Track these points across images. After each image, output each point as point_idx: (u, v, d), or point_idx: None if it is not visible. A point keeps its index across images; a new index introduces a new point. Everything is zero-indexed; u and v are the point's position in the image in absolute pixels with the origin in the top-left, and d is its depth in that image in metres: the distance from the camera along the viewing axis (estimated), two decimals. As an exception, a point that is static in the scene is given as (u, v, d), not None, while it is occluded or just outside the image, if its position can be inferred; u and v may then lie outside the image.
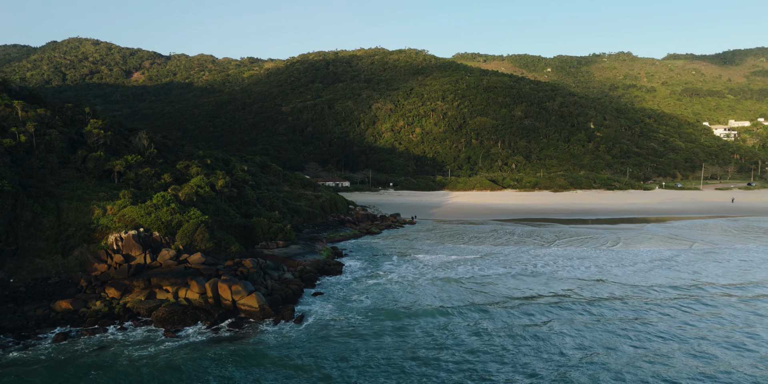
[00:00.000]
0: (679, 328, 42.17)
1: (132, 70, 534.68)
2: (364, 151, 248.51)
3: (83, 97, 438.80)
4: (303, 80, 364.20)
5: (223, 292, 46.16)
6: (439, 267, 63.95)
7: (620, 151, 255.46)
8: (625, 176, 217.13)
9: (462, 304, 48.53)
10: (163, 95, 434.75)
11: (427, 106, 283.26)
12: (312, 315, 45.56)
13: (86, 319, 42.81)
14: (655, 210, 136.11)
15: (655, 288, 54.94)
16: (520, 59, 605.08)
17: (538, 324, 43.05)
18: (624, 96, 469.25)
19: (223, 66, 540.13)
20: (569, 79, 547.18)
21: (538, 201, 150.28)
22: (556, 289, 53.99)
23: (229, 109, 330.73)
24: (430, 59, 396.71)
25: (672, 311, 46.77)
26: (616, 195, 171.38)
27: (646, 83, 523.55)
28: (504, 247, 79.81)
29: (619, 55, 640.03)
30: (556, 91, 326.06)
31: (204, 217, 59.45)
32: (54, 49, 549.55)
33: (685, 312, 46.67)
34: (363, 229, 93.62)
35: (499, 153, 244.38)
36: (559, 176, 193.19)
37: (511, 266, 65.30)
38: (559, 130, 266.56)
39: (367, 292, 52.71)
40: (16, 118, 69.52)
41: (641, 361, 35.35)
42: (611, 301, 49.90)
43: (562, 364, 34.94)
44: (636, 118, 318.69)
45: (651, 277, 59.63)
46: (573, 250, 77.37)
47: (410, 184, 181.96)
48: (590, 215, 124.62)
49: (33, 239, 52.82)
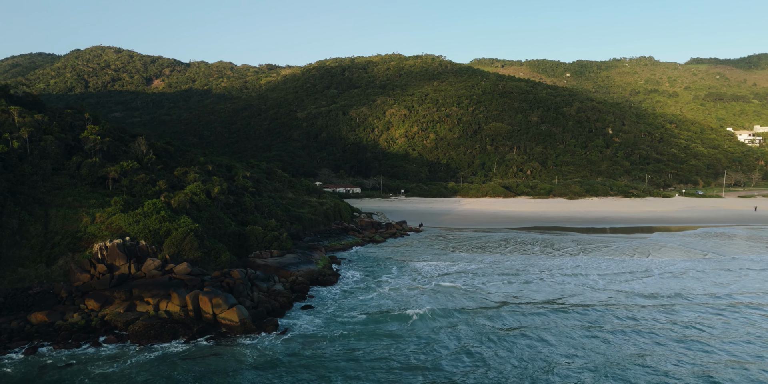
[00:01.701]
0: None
1: (152, 77, 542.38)
2: (377, 157, 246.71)
3: (104, 104, 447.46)
4: (318, 86, 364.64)
5: (204, 305, 44.34)
6: (438, 279, 61.35)
7: (639, 158, 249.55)
8: (644, 183, 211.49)
9: (458, 323, 45.75)
10: (181, 102, 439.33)
11: (441, 112, 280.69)
12: (296, 330, 43.42)
13: (60, 333, 41.28)
14: (673, 218, 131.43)
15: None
16: (539, 64, 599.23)
17: (552, 354, 40.26)
18: (645, 101, 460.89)
19: (242, 73, 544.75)
20: (589, 84, 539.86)
21: (552, 209, 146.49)
22: (565, 302, 51.07)
23: (245, 115, 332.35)
24: (446, 65, 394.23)
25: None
26: (633, 202, 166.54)
27: (668, 88, 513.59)
28: (510, 255, 76.87)
29: (640, 60, 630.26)
30: (574, 96, 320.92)
31: (194, 225, 57.89)
32: (77, 57, 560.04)
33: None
34: (366, 238, 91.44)
35: (515, 159, 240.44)
36: (574, 183, 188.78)
37: (514, 278, 62.44)
38: (576, 136, 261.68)
39: (358, 306, 50.32)
40: (12, 124, 69.14)
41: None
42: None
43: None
44: (656, 123, 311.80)
45: (661, 288, 56.30)
46: (580, 259, 74.14)
47: (421, 190, 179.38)
48: (605, 224, 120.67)
49: (17, 247, 51.73)
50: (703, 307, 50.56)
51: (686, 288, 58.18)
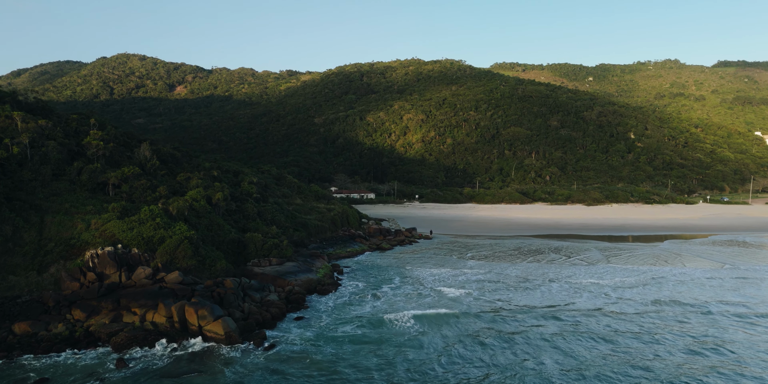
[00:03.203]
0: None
1: (175, 83, 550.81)
2: (393, 162, 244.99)
3: (128, 110, 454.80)
4: (337, 92, 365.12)
5: (190, 316, 42.87)
6: (440, 291, 59.06)
7: (662, 163, 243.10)
8: (667, 189, 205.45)
9: (453, 342, 43.27)
10: (203, 108, 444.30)
11: (459, 116, 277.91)
12: (284, 344, 41.55)
13: (41, 344, 40.18)
14: (696, 226, 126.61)
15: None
16: (561, 68, 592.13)
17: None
18: (670, 105, 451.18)
19: (262, 79, 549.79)
20: (612, 87, 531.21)
21: (569, 215, 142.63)
22: (563, 313, 48.39)
23: (263, 120, 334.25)
24: (466, 69, 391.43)
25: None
26: (654, 209, 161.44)
27: (695, 91, 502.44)
28: (520, 265, 74.13)
29: (665, 63, 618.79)
30: (595, 100, 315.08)
31: (189, 232, 56.63)
32: (103, 64, 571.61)
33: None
34: (373, 245, 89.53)
35: (533, 164, 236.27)
36: (594, 189, 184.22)
37: (521, 289, 59.82)
38: (596, 141, 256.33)
39: (353, 319, 48.17)
40: (15, 130, 69.12)
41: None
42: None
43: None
44: (681, 127, 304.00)
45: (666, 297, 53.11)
46: (591, 269, 71.02)
47: (436, 196, 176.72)
48: (624, 231, 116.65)
49: (10, 255, 51.03)
50: (725, 318, 47.34)
51: (700, 297, 54.88)
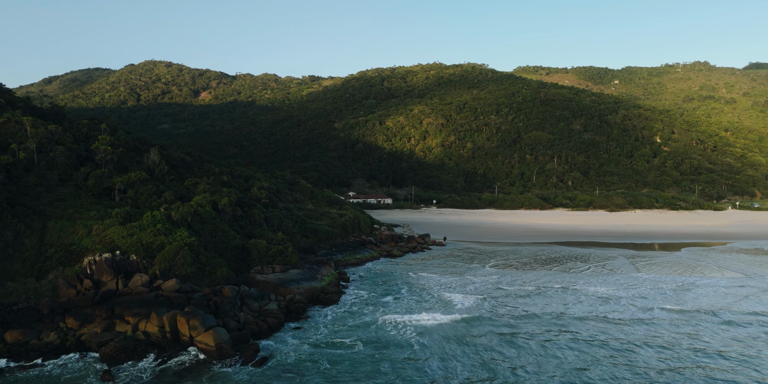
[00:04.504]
0: None
1: (200, 89, 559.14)
2: (412, 166, 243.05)
3: (154, 116, 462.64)
4: (357, 96, 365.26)
5: (182, 326, 41.75)
6: (447, 301, 57.00)
7: (690, 167, 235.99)
8: (694, 195, 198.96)
9: (455, 355, 41.32)
10: (226, 113, 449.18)
11: (480, 121, 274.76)
12: (276, 358, 39.94)
13: (30, 353, 39.45)
14: (723, 234, 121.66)
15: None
16: (586, 71, 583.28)
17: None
18: (699, 108, 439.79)
19: (285, 84, 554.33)
20: (638, 90, 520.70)
21: (590, 222, 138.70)
22: (582, 333, 45.92)
23: (284, 126, 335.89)
24: (487, 73, 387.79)
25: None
26: (680, 216, 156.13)
27: (725, 94, 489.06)
28: (533, 273, 71.53)
29: (695, 65, 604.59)
30: (620, 103, 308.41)
31: (190, 239, 55.75)
32: (131, 71, 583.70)
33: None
34: (383, 252, 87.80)
35: (555, 169, 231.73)
36: (617, 194, 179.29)
37: (533, 299, 57.39)
38: (621, 145, 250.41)
39: (353, 331, 46.09)
40: (25, 135, 69.54)
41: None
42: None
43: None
44: (710, 131, 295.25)
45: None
46: (604, 278, 68.04)
47: (454, 201, 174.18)
48: (646, 239, 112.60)
49: (9, 261, 50.75)
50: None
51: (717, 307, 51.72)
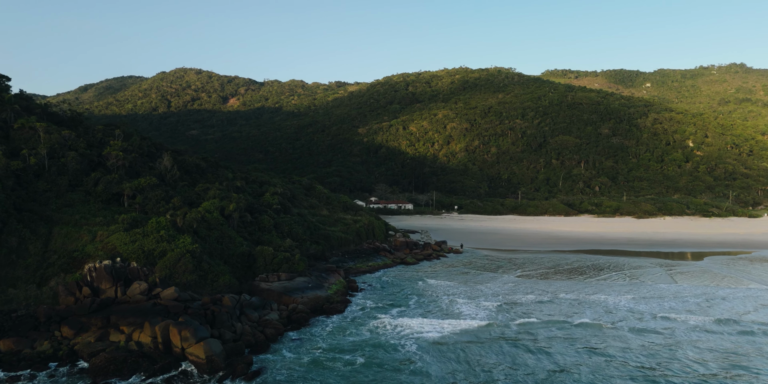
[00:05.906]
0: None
1: (228, 96, 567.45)
2: (435, 171, 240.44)
3: (184, 122, 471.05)
4: (382, 102, 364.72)
5: (174, 337, 40.61)
6: (455, 313, 54.74)
7: (724, 173, 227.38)
8: (728, 201, 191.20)
9: (457, 371, 39.16)
10: (253, 119, 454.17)
11: (505, 125, 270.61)
12: (270, 373, 38.34)
13: (20, 363, 38.81)
14: (756, 242, 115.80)
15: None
16: (616, 75, 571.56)
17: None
18: (736, 111, 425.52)
19: (312, 90, 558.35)
20: (671, 94, 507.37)
21: (616, 229, 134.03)
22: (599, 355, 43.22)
23: (309, 131, 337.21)
24: (513, 76, 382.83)
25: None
26: (712, 223, 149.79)
27: (763, 96, 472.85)
28: (551, 284, 68.59)
29: (730, 67, 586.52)
30: (650, 106, 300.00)
31: (192, 246, 54.88)
32: (162, 78, 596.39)
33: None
34: (397, 259, 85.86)
35: (582, 174, 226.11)
36: (646, 201, 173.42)
37: (548, 309, 54.68)
38: (651, 149, 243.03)
39: (354, 346, 44.03)
40: (38, 140, 70.06)
41: None
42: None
43: None
44: (746, 135, 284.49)
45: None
46: (626, 288, 64.68)
47: (476, 207, 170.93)
48: (674, 247, 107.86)
49: (12, 267, 50.60)
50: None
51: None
